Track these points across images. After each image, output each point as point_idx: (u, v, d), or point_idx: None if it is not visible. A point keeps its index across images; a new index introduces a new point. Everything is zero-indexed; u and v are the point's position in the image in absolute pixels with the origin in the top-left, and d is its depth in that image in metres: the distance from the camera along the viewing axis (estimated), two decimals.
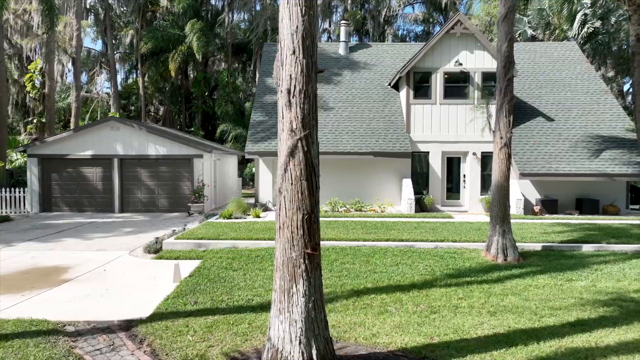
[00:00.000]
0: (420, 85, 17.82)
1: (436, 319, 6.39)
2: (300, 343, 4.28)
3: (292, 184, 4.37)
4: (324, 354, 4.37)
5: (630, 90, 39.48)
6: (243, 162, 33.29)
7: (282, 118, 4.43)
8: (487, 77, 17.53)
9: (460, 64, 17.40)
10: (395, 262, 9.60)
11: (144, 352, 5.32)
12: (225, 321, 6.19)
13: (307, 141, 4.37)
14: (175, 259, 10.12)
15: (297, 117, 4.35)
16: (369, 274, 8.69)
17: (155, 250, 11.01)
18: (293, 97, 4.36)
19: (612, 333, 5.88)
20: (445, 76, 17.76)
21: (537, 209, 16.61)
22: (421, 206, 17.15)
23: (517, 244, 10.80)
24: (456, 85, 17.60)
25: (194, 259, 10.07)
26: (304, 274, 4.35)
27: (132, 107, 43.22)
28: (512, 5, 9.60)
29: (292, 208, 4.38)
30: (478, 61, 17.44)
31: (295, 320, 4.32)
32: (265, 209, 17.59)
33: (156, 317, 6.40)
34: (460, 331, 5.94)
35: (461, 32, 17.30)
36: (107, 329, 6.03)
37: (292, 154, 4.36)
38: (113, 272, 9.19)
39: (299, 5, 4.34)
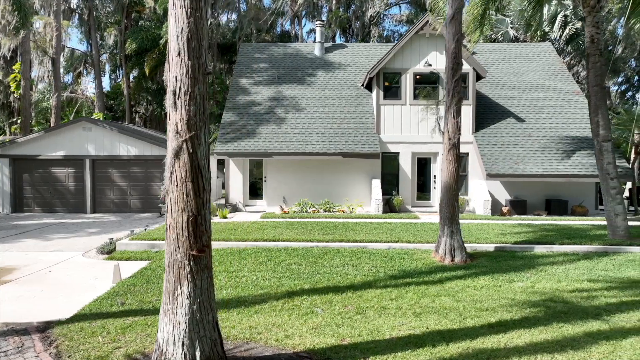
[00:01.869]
0: (390, 85, 17.82)
1: (358, 320, 6.40)
2: (183, 345, 4.28)
3: (177, 185, 4.37)
4: (209, 356, 4.37)
5: (617, 89, 39.69)
6: (223, 163, 33.13)
7: (169, 120, 4.43)
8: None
9: (430, 65, 17.41)
10: (342, 263, 9.60)
11: (50, 354, 5.31)
12: (144, 322, 6.19)
13: (193, 143, 4.37)
14: (126, 259, 10.15)
15: (183, 118, 4.36)
16: (311, 275, 8.69)
17: (109, 251, 11.00)
18: (178, 99, 4.36)
19: (527, 334, 5.89)
20: (417, 77, 17.76)
21: (505, 209, 16.62)
22: (390, 207, 17.15)
23: (470, 244, 10.86)
24: (426, 86, 17.58)
25: (144, 259, 10.08)
26: (189, 276, 4.35)
27: (120, 108, 43.09)
28: (459, 7, 9.61)
29: (177, 209, 4.38)
30: None
31: (179, 322, 4.31)
32: (235, 209, 17.58)
33: (76, 318, 6.39)
34: (375, 332, 5.95)
35: (430, 32, 17.31)
36: (23, 330, 6.02)
37: (177, 155, 4.36)
38: (58, 273, 9.17)
39: (184, 7, 4.34)
